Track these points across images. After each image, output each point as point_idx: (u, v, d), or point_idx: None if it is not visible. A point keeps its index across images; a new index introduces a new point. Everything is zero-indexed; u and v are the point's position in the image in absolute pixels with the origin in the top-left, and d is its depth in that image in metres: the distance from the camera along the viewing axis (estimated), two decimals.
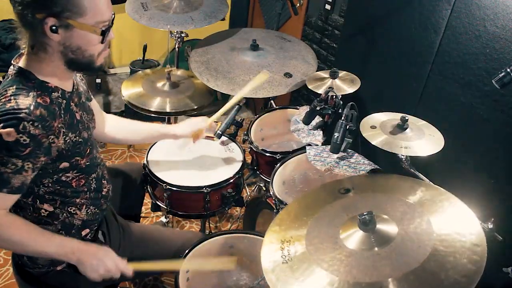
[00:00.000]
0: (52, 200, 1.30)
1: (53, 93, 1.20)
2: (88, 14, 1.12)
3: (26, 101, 1.12)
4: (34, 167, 1.17)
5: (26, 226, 1.27)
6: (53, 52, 1.18)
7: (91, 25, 1.14)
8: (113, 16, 1.22)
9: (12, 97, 1.12)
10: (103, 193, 1.46)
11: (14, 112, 1.09)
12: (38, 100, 1.14)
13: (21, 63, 1.20)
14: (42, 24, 1.11)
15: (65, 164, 1.25)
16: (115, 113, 3.45)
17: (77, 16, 1.12)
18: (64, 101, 1.24)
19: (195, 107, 2.22)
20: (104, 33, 1.18)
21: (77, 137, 1.27)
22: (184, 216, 1.93)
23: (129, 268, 1.37)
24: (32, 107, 1.11)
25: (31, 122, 1.10)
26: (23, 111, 1.10)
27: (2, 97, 1.13)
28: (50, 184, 1.27)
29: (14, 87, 1.14)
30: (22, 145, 1.10)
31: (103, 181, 1.45)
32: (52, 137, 1.17)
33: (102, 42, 1.19)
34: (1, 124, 1.09)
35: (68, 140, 1.23)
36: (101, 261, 1.31)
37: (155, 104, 2.18)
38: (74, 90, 1.31)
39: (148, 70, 2.48)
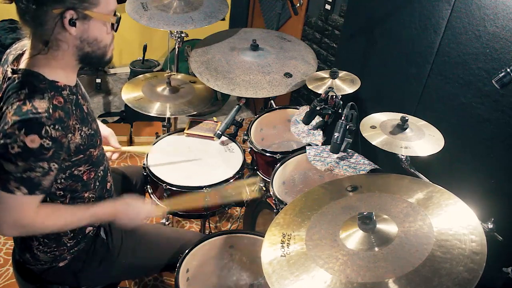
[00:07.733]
0: (62, 196, 1.30)
1: (63, 92, 1.20)
2: (101, 3, 1.16)
3: (43, 104, 1.12)
4: (58, 165, 1.19)
5: (57, 212, 1.29)
6: (67, 48, 1.18)
7: (105, 14, 1.18)
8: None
9: (26, 100, 1.11)
10: (107, 187, 1.46)
11: (35, 118, 1.09)
12: (54, 102, 1.15)
13: (25, 65, 1.19)
14: (60, 18, 1.12)
15: (80, 157, 1.26)
16: (115, 113, 3.45)
17: (93, 7, 1.15)
18: (74, 97, 1.24)
19: (195, 113, 2.23)
20: (118, 21, 1.22)
21: (89, 130, 1.27)
22: (184, 216, 1.93)
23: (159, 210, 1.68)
24: (51, 110, 1.12)
25: (52, 126, 1.11)
26: (43, 115, 1.10)
27: (15, 100, 1.12)
28: (63, 180, 1.27)
29: (26, 89, 1.13)
30: (45, 148, 1.11)
31: (108, 173, 1.46)
32: (70, 135, 1.18)
33: (113, 29, 1.24)
34: (23, 130, 1.08)
35: (84, 135, 1.24)
36: (134, 215, 1.44)
37: (155, 109, 2.18)
38: (77, 83, 1.31)
39: (148, 74, 2.48)
